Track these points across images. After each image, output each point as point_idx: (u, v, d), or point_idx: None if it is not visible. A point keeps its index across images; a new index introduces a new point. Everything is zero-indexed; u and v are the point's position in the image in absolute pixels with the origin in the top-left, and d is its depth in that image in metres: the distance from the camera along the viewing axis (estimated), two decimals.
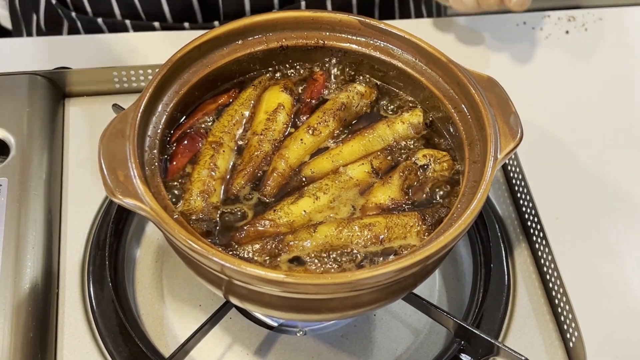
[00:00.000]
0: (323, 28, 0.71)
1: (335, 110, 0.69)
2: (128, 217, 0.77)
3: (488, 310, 0.73)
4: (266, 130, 0.68)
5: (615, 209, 0.84)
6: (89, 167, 0.82)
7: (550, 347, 0.72)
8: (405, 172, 0.65)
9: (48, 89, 0.86)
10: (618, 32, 1.04)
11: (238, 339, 0.71)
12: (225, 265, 0.54)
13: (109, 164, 0.59)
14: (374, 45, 0.71)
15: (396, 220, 0.61)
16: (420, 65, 0.69)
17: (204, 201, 0.63)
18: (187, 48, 0.66)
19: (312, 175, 0.65)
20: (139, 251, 0.77)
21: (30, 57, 0.94)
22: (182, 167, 0.65)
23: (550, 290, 0.75)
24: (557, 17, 1.04)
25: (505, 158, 0.62)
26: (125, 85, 0.89)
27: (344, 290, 0.55)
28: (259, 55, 0.70)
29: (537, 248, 0.78)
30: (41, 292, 0.71)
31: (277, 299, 0.57)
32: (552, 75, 0.98)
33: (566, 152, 0.89)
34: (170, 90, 0.66)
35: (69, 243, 0.76)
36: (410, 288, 0.62)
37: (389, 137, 0.68)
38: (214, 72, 0.69)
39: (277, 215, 0.62)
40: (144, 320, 0.72)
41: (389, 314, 0.74)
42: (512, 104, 0.65)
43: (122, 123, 0.61)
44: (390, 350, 0.72)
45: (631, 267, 0.79)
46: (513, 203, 0.83)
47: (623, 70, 0.99)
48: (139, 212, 0.57)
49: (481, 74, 0.67)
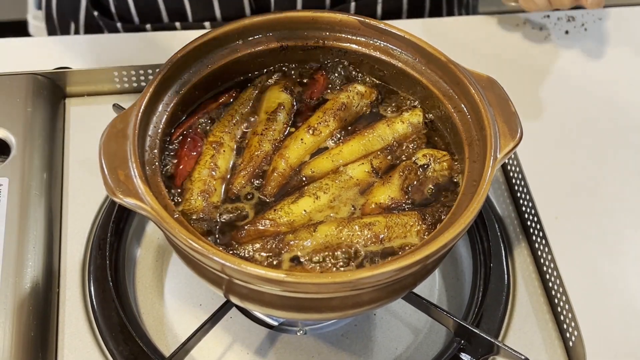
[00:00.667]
0: (323, 28, 0.71)
1: (335, 110, 0.69)
2: (129, 216, 0.77)
3: (488, 309, 0.73)
4: (266, 130, 0.68)
5: (615, 208, 0.84)
6: (89, 166, 0.82)
7: (550, 346, 0.72)
8: (405, 172, 0.65)
9: (49, 89, 0.86)
10: (618, 32, 1.04)
11: (238, 338, 0.72)
12: (225, 264, 0.54)
13: (110, 164, 0.59)
14: (374, 45, 0.71)
15: (396, 220, 0.61)
16: (420, 65, 0.69)
17: (204, 201, 0.63)
18: (187, 48, 0.66)
19: (312, 174, 0.66)
20: (139, 251, 0.78)
21: (30, 57, 0.94)
22: (190, 170, 0.65)
23: (550, 289, 0.75)
24: (556, 17, 1.04)
25: (504, 158, 0.62)
26: (126, 85, 0.89)
27: (344, 289, 0.55)
28: (259, 55, 0.71)
29: (536, 247, 0.78)
30: (42, 292, 0.71)
31: (278, 298, 0.58)
32: (552, 75, 0.98)
33: (566, 151, 0.89)
34: (171, 90, 0.66)
35: (70, 242, 0.76)
36: (410, 287, 0.63)
37: (389, 136, 0.68)
38: (215, 72, 0.69)
39: (278, 215, 0.62)
40: (145, 319, 0.72)
41: (389, 313, 0.74)
42: (512, 104, 0.65)
43: (123, 123, 0.61)
44: (390, 349, 0.72)
45: (631, 266, 0.79)
46: (513, 203, 0.83)
47: (623, 70, 0.99)
48: (140, 211, 0.57)
49: (481, 74, 0.67)
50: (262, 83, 0.71)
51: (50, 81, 0.87)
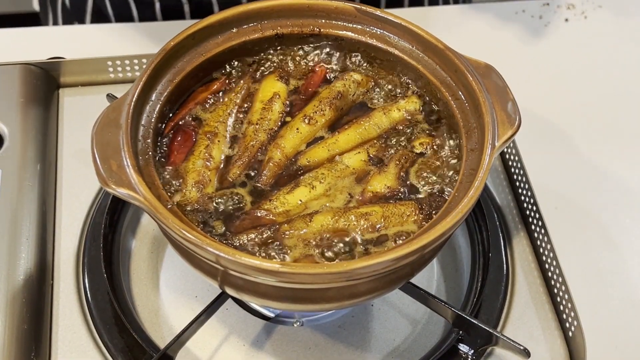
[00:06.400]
0: (319, 15, 0.70)
1: (331, 99, 0.68)
2: (123, 208, 0.77)
3: (487, 299, 0.72)
4: (262, 119, 0.67)
5: (614, 198, 0.83)
6: (83, 157, 0.81)
7: (550, 337, 0.72)
8: (401, 160, 0.64)
9: (42, 79, 0.85)
10: (617, 19, 1.03)
11: (234, 330, 0.71)
12: (220, 255, 0.53)
13: (102, 154, 0.58)
14: (370, 32, 0.70)
15: (393, 210, 0.60)
16: (418, 53, 0.68)
17: (199, 192, 0.62)
18: (181, 36, 0.66)
19: (308, 164, 0.65)
20: (134, 242, 0.77)
21: (23, 47, 0.93)
22: (184, 160, 0.64)
23: (549, 279, 0.74)
24: (556, 4, 1.03)
25: (503, 146, 0.61)
26: (120, 74, 0.88)
27: (339, 279, 0.54)
28: (255, 43, 0.70)
29: (536, 237, 0.77)
30: (35, 284, 0.70)
31: (273, 289, 0.57)
32: (552, 63, 0.97)
33: (565, 141, 0.89)
34: (164, 79, 0.65)
35: (64, 234, 0.75)
36: (407, 277, 0.62)
37: (386, 124, 0.67)
38: (209, 60, 0.68)
39: (273, 205, 0.61)
40: (140, 311, 0.72)
41: (387, 304, 0.73)
42: (510, 92, 0.64)
43: (115, 112, 0.60)
44: (388, 340, 0.71)
45: (630, 257, 0.78)
46: (512, 192, 0.82)
47: (622, 58, 0.98)
48: (132, 201, 0.56)
49: (479, 61, 0.66)
50: (257, 71, 0.70)
51: (43, 71, 0.86)
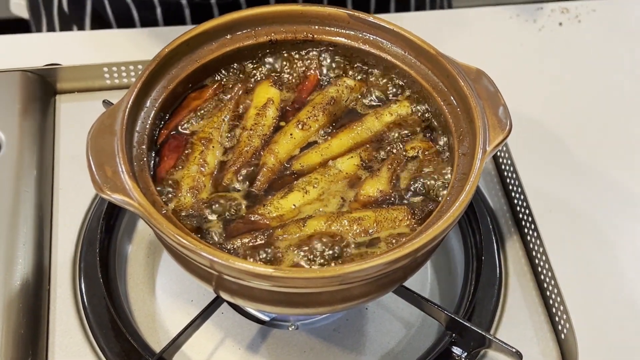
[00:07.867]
0: (312, 22, 0.70)
1: (324, 104, 0.69)
2: (119, 213, 0.77)
3: (480, 302, 0.73)
4: (255, 125, 0.67)
5: (607, 200, 0.84)
6: (80, 163, 0.80)
7: (542, 339, 0.72)
8: (393, 165, 0.65)
9: (39, 85, 0.86)
10: (612, 24, 1.03)
11: (230, 334, 0.71)
12: (214, 260, 0.54)
13: (97, 160, 0.58)
14: (363, 38, 0.70)
15: (385, 214, 0.61)
16: (410, 58, 0.69)
17: (193, 197, 0.62)
18: (175, 43, 0.66)
19: (301, 169, 0.65)
20: (130, 247, 0.77)
21: (20, 54, 0.94)
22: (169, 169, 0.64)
23: (542, 282, 0.75)
24: (550, 9, 1.04)
25: (494, 150, 0.61)
26: (116, 81, 0.89)
27: (333, 283, 0.55)
28: (249, 50, 0.70)
29: (529, 240, 0.78)
30: (32, 289, 0.71)
31: (267, 294, 0.57)
32: (546, 67, 0.98)
33: (559, 144, 0.89)
34: (159, 86, 0.66)
35: (60, 239, 0.76)
36: (400, 281, 0.62)
37: (378, 129, 0.68)
38: (203, 66, 0.68)
39: (267, 210, 0.62)
40: (136, 316, 0.72)
41: (381, 308, 0.74)
42: (501, 96, 0.65)
43: (110, 119, 0.61)
44: (383, 343, 0.72)
45: (623, 259, 0.79)
46: (505, 195, 0.82)
47: (616, 62, 0.99)
48: (127, 207, 0.57)
49: (470, 67, 0.67)
50: (251, 78, 0.71)
51: (40, 78, 0.86)
